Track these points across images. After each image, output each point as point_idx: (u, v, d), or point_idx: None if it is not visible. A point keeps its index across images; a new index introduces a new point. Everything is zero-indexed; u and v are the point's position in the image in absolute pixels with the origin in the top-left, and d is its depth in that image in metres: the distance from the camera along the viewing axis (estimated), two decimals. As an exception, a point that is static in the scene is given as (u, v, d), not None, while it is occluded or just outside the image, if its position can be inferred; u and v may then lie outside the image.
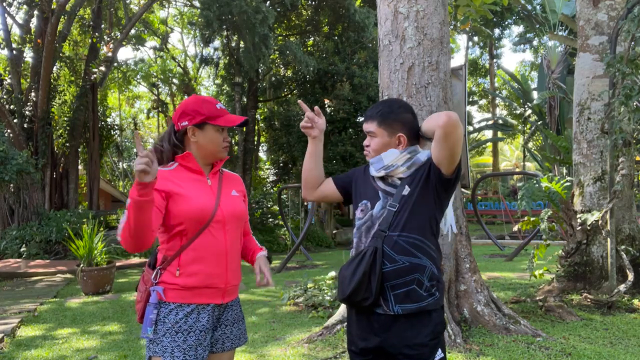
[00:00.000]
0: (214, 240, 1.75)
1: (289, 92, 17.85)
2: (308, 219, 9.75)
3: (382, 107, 1.84)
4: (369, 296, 1.69)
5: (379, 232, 1.73)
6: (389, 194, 1.77)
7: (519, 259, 8.94)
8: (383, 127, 1.80)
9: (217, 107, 1.82)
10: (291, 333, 4.48)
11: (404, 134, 1.80)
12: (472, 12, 7.13)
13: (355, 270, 1.71)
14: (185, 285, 1.71)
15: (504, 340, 3.72)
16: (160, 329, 1.70)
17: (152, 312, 1.70)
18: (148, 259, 1.85)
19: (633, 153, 5.08)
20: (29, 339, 4.67)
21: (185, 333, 1.70)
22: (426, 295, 1.69)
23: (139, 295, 1.80)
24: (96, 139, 15.55)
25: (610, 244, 4.80)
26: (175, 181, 1.75)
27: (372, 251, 1.70)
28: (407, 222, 1.71)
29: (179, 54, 24.95)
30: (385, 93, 4.30)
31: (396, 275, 1.69)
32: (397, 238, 1.70)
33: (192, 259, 1.72)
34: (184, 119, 1.80)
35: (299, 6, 16.20)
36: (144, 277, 1.80)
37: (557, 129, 16.16)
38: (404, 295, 1.68)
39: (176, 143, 1.83)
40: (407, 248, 1.70)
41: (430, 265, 1.71)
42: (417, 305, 1.68)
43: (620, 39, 4.89)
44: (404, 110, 1.85)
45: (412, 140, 1.82)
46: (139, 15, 14.87)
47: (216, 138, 1.82)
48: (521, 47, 27.09)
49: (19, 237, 11.18)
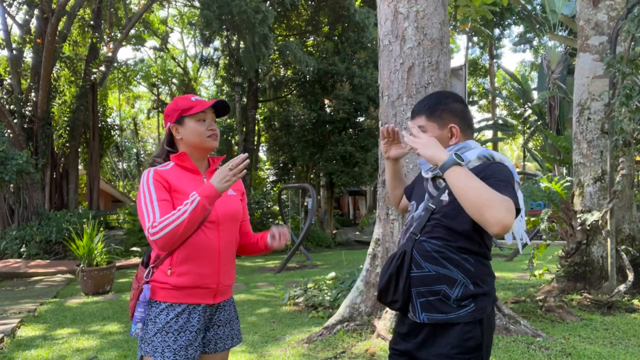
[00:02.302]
0: (206, 240, 1.75)
1: (289, 92, 17.85)
2: (308, 219, 9.75)
3: (429, 100, 1.73)
4: (398, 299, 1.64)
5: (412, 235, 1.66)
6: (432, 197, 1.68)
7: (519, 259, 8.94)
8: (433, 120, 1.69)
9: (192, 100, 1.83)
10: (291, 333, 4.48)
11: (456, 124, 1.69)
12: (472, 13, 7.13)
13: (385, 271, 1.69)
14: (177, 285, 1.71)
15: (504, 340, 3.72)
16: (151, 328, 1.71)
17: (142, 309, 1.71)
18: (142, 258, 1.86)
19: (633, 153, 5.08)
20: (29, 339, 4.66)
21: (176, 333, 1.70)
22: (455, 307, 1.57)
23: (132, 293, 1.81)
24: (96, 139, 15.56)
25: (610, 244, 4.80)
26: (173, 180, 1.76)
27: (401, 254, 1.65)
28: (439, 229, 1.61)
29: (179, 54, 24.96)
30: (385, 93, 4.30)
31: (422, 282, 1.61)
32: (425, 244, 1.62)
33: (183, 259, 1.72)
34: (167, 121, 1.86)
35: (299, 6, 16.20)
36: (137, 275, 1.81)
37: (557, 129, 16.16)
38: (430, 304, 1.59)
39: (169, 150, 1.87)
40: (435, 256, 1.60)
41: (463, 279, 1.57)
42: (444, 317, 1.57)
43: (620, 39, 4.89)
44: (453, 100, 1.73)
45: (466, 132, 1.71)
46: (139, 15, 14.87)
47: (197, 128, 1.81)
48: (521, 47, 27.09)
49: (19, 237, 11.18)
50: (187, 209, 1.62)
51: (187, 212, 1.62)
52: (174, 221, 1.62)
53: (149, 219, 1.65)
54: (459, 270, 1.58)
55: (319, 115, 14.80)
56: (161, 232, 1.61)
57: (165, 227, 1.61)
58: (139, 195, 1.74)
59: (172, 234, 1.62)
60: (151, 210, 1.66)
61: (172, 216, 1.63)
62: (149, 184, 1.72)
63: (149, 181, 1.73)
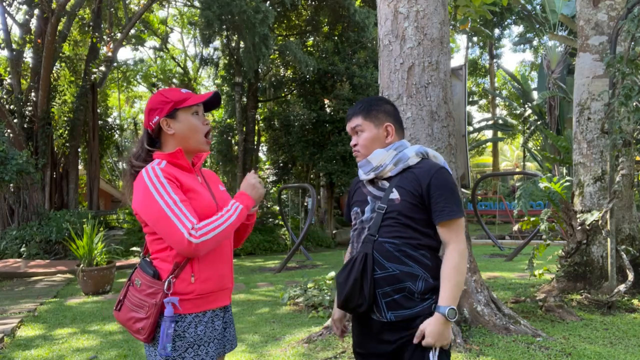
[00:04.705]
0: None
1: (289, 92, 17.84)
2: (308, 219, 9.74)
3: (363, 103, 1.84)
4: (363, 302, 1.67)
5: (369, 237, 1.71)
6: (378, 198, 1.75)
7: (519, 259, 8.94)
8: (369, 120, 1.80)
9: (183, 92, 1.71)
10: (291, 333, 4.48)
11: (390, 123, 1.81)
12: (472, 13, 7.13)
13: (347, 277, 1.70)
14: (202, 292, 1.62)
15: (504, 340, 3.72)
16: (180, 345, 1.57)
17: (170, 326, 1.55)
18: (140, 270, 1.67)
19: (633, 153, 5.08)
20: (29, 339, 4.66)
21: (207, 345, 1.62)
22: (419, 301, 1.66)
23: (143, 312, 1.59)
24: (96, 139, 15.56)
25: (610, 244, 4.80)
26: (180, 178, 1.64)
27: (362, 257, 1.68)
28: (398, 228, 1.68)
29: (179, 54, 24.94)
30: (385, 93, 4.30)
31: (386, 282, 1.66)
32: (386, 245, 1.68)
33: (205, 263, 1.63)
34: (154, 115, 1.69)
35: (299, 6, 16.19)
36: (145, 291, 1.61)
37: (557, 129, 16.17)
38: (395, 302, 1.66)
39: (149, 149, 1.71)
40: (397, 255, 1.66)
41: (423, 274, 1.66)
42: (409, 312, 1.65)
43: (620, 39, 4.89)
44: (384, 102, 1.86)
45: (399, 131, 1.83)
46: (139, 15, 14.86)
47: (193, 122, 1.69)
48: (521, 47, 27.08)
49: (19, 237, 11.17)
50: (232, 215, 1.59)
51: (231, 218, 1.59)
52: (220, 226, 1.56)
53: (183, 224, 1.51)
54: (419, 266, 1.67)
55: (319, 115, 14.79)
56: (206, 235, 1.53)
57: (211, 231, 1.54)
58: (151, 197, 1.55)
59: (217, 239, 1.56)
60: (181, 214, 1.53)
61: (217, 221, 1.57)
62: (162, 184, 1.56)
63: (162, 181, 1.57)
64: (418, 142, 4.12)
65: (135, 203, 1.63)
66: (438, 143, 4.13)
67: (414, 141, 4.12)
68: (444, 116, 4.18)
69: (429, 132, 4.11)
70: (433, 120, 4.12)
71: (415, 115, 4.11)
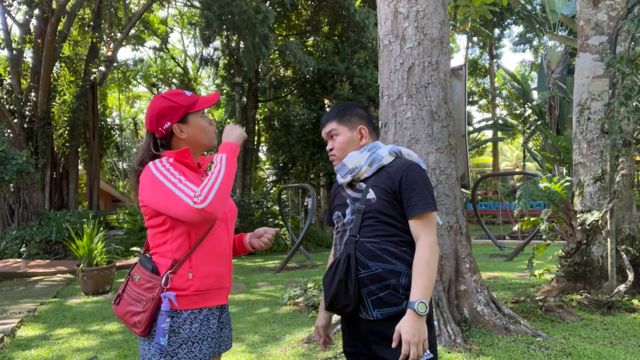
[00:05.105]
0: (219, 238, 1.72)
1: (289, 92, 17.84)
2: (308, 219, 9.74)
3: (336, 109, 1.90)
4: (349, 303, 1.70)
5: (351, 238, 1.74)
6: (356, 199, 1.79)
7: (519, 259, 8.94)
8: (343, 124, 1.85)
9: (188, 95, 1.74)
10: (291, 333, 4.48)
11: (364, 125, 1.86)
12: (472, 13, 7.13)
13: (332, 278, 1.73)
14: (199, 289, 1.64)
15: (504, 340, 3.72)
16: (174, 340, 1.60)
17: (164, 320, 1.57)
18: (140, 265, 1.70)
19: (633, 153, 5.08)
20: (29, 339, 4.67)
21: (201, 342, 1.63)
22: (404, 297, 1.68)
23: (140, 306, 1.62)
24: (96, 139, 15.57)
25: (610, 244, 4.80)
26: (186, 172, 1.68)
27: (345, 258, 1.71)
28: (378, 226, 1.71)
29: (179, 54, 24.94)
30: (385, 93, 4.30)
31: (371, 281, 1.69)
32: (368, 244, 1.71)
33: (203, 260, 1.65)
34: (165, 120, 1.71)
35: (299, 6, 16.19)
36: (143, 285, 1.64)
37: (557, 129, 16.18)
38: (380, 300, 1.68)
39: (155, 154, 1.73)
40: (378, 254, 1.69)
41: (405, 270, 1.69)
42: (395, 309, 1.67)
43: (620, 39, 4.89)
44: (357, 107, 1.92)
45: (373, 133, 1.88)
46: (139, 15, 14.86)
47: (205, 125, 1.75)
48: (521, 47, 27.09)
49: (19, 237, 11.18)
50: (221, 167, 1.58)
51: (221, 170, 1.58)
52: (215, 181, 1.55)
53: (187, 195, 1.52)
54: (401, 263, 1.70)
55: (319, 115, 14.79)
56: (209, 196, 1.51)
57: (211, 190, 1.52)
58: (158, 182, 1.58)
59: (220, 194, 1.54)
60: (184, 187, 1.54)
61: (210, 179, 1.55)
62: (168, 169, 1.60)
63: (167, 167, 1.62)
64: (418, 142, 4.12)
65: (142, 193, 1.64)
66: (438, 143, 4.13)
67: (414, 141, 4.12)
68: (444, 116, 4.18)
69: (429, 132, 4.11)
70: (433, 120, 4.12)
71: (415, 115, 4.11)
